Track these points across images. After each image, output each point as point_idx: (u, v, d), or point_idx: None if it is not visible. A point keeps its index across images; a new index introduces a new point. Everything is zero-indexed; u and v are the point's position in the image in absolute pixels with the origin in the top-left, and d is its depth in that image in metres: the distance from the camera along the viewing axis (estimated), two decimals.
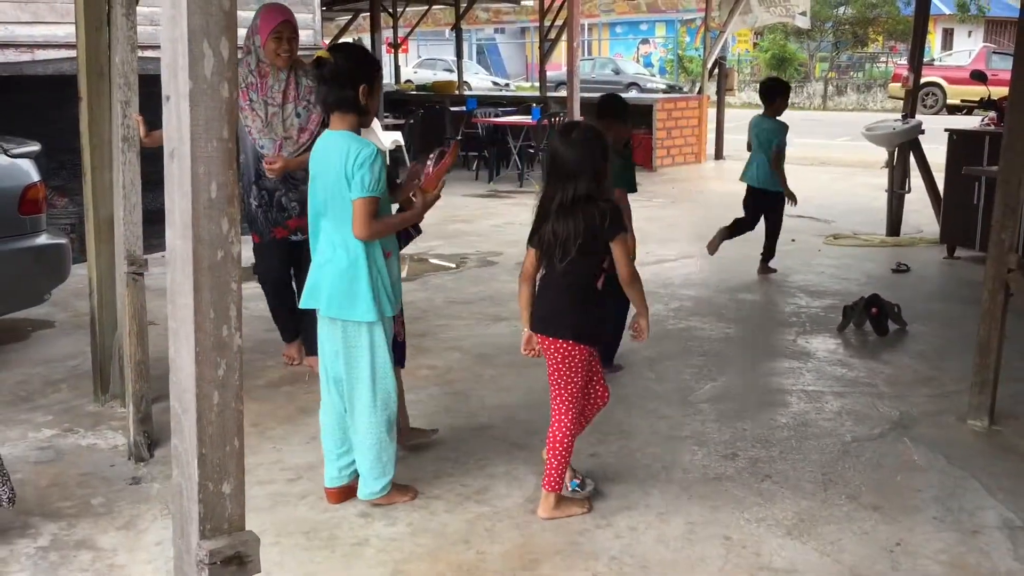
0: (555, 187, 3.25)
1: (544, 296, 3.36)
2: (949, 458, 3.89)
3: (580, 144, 3.23)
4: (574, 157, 3.21)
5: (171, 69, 1.57)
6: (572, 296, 3.30)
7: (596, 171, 3.23)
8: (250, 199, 4.70)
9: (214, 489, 1.63)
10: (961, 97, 21.99)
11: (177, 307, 1.62)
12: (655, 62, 36.10)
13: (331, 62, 3.22)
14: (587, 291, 3.30)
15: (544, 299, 3.36)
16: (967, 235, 7.64)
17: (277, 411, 4.43)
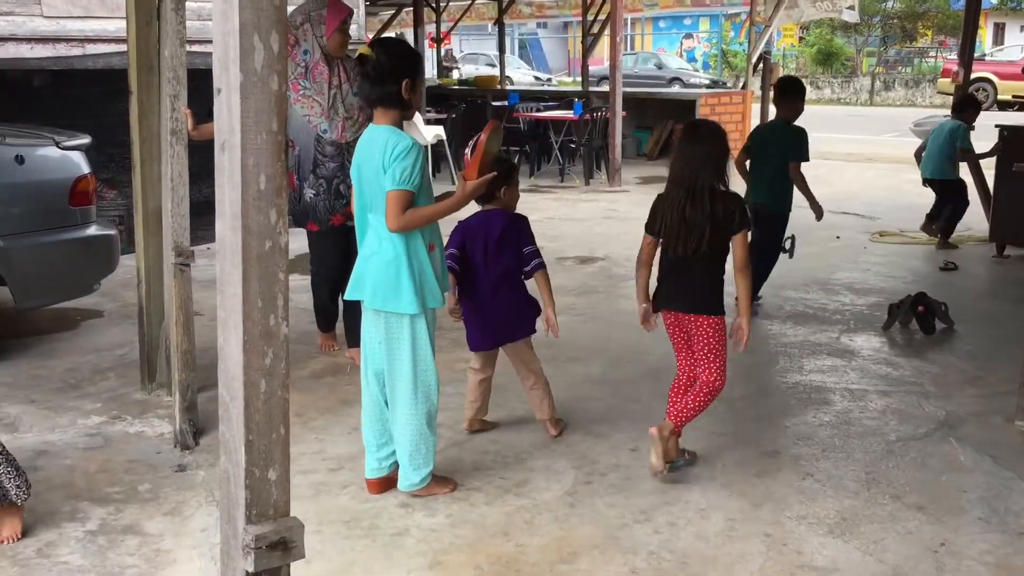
0: (681, 180, 3.59)
1: (681, 280, 3.70)
2: (996, 459, 3.84)
3: (705, 140, 3.62)
4: (700, 153, 3.57)
5: (222, 62, 1.60)
6: (713, 278, 3.68)
7: (719, 165, 3.59)
8: (307, 190, 4.77)
9: (260, 475, 1.66)
10: (1013, 93, 21.59)
11: (226, 296, 1.65)
12: (699, 57, 35.82)
13: (374, 58, 3.24)
14: (720, 272, 3.71)
15: (682, 282, 3.70)
16: (1017, 233, 7.50)
17: (319, 402, 4.48)
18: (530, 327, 4.02)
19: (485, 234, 3.88)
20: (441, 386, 4.50)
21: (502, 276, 3.90)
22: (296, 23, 4.64)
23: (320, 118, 4.68)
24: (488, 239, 3.87)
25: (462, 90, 16.59)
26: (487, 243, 3.87)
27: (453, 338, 5.45)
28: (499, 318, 3.95)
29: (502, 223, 3.89)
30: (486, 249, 3.87)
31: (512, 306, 3.96)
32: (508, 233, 3.88)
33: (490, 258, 3.88)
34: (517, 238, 3.90)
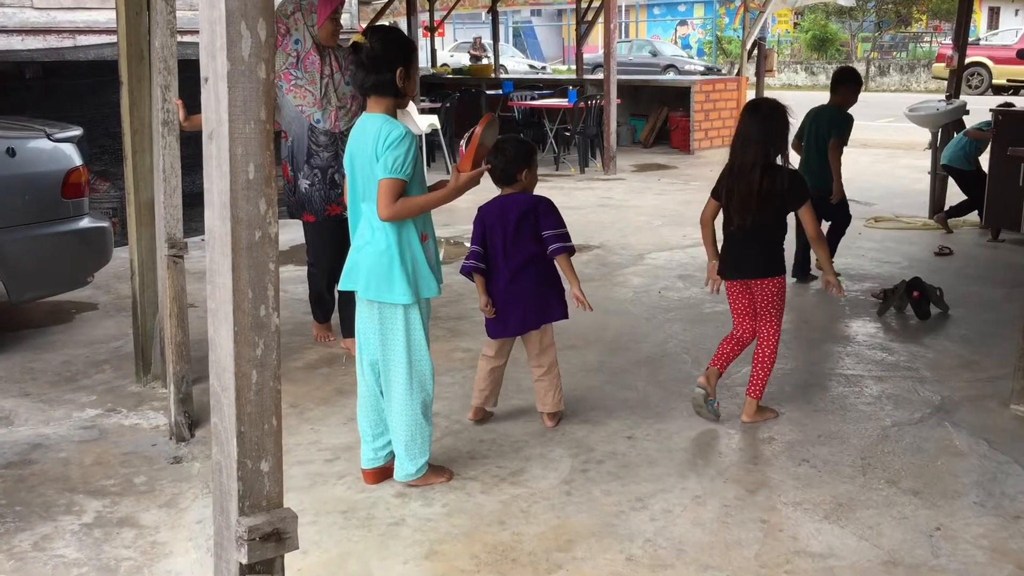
0: (744, 153, 3.88)
1: (744, 250, 4.01)
2: (991, 443, 3.84)
3: (767, 118, 3.89)
4: (761, 128, 3.86)
5: (209, 51, 1.58)
6: (773, 245, 4.01)
7: (777, 142, 3.89)
8: (301, 180, 4.76)
9: (253, 467, 1.65)
10: (1007, 77, 21.58)
11: (216, 287, 1.64)
12: (693, 44, 35.75)
13: (367, 46, 3.22)
14: (779, 239, 4.03)
15: (746, 252, 4.01)
16: (1012, 217, 7.49)
17: (315, 392, 4.48)
18: (556, 313, 3.94)
19: (504, 218, 3.84)
20: (437, 375, 4.50)
21: (525, 261, 3.84)
22: (287, 12, 4.62)
23: (313, 108, 4.66)
24: (507, 223, 3.82)
25: (456, 79, 16.55)
26: (506, 227, 3.82)
27: (449, 327, 5.45)
28: (523, 304, 3.87)
29: (521, 206, 3.84)
30: (505, 233, 3.83)
31: (537, 292, 3.88)
32: (528, 216, 3.83)
33: (510, 242, 3.83)
34: (537, 221, 3.84)
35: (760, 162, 3.82)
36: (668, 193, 10.19)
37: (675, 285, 6.37)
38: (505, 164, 3.81)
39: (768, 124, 3.87)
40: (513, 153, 3.84)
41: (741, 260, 4.03)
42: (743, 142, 3.89)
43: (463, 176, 3.33)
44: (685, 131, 13.76)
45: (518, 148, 3.88)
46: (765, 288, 4.00)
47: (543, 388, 4.03)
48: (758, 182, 3.82)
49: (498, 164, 3.78)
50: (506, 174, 3.84)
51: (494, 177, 3.83)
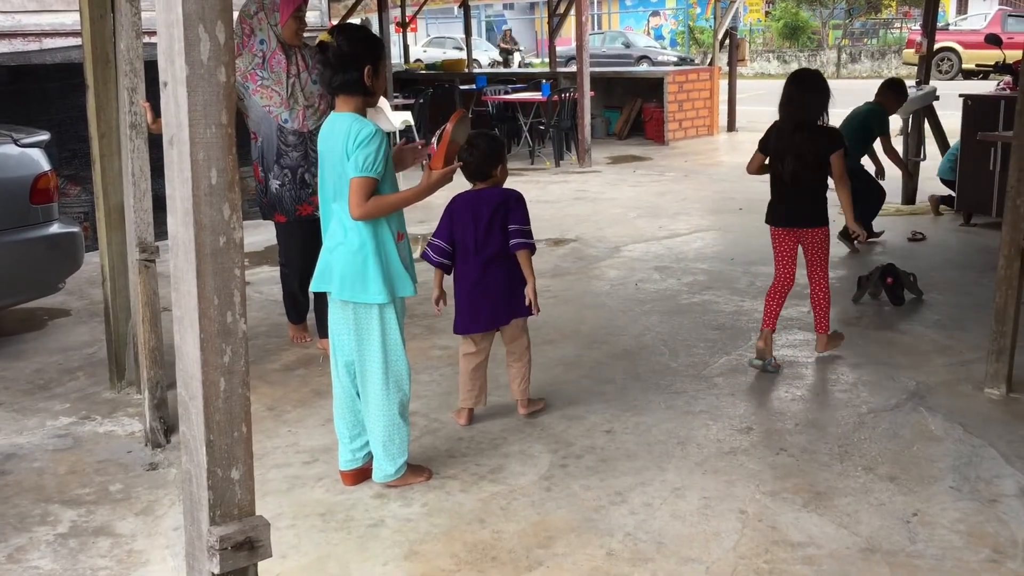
0: (789, 116, 4.47)
1: (793, 201, 4.56)
2: (966, 427, 3.87)
3: (809, 84, 4.49)
4: (802, 95, 4.44)
5: (167, 55, 1.56)
6: (818, 196, 4.56)
7: (820, 105, 4.43)
8: (272, 181, 4.72)
9: (223, 475, 1.63)
10: (976, 62, 21.76)
11: (181, 294, 1.62)
12: (666, 34, 35.80)
13: (334, 45, 3.19)
14: (823, 190, 4.58)
15: (794, 204, 4.57)
16: (983, 202, 7.56)
17: (292, 394, 4.45)
18: (523, 310, 3.95)
19: (475, 213, 3.84)
20: (414, 374, 4.50)
21: (495, 255, 3.85)
22: (250, 12, 4.58)
23: (280, 108, 4.62)
24: (479, 218, 3.82)
25: (429, 74, 16.49)
26: (478, 222, 3.83)
27: (426, 325, 5.43)
28: (492, 300, 3.89)
29: (493, 201, 3.84)
30: (476, 228, 3.83)
31: (506, 288, 3.89)
32: (499, 210, 3.83)
33: (481, 238, 3.83)
34: (507, 215, 3.85)
35: (803, 121, 4.43)
36: (643, 185, 10.20)
37: (651, 277, 6.38)
38: (480, 160, 3.82)
39: (813, 90, 4.45)
40: (486, 149, 3.84)
41: (791, 211, 4.59)
42: (788, 106, 4.48)
43: (435, 173, 3.32)
44: (659, 122, 13.78)
45: (491, 144, 3.89)
46: (814, 236, 4.59)
47: (511, 374, 4.10)
48: (809, 140, 4.42)
49: (472, 160, 3.79)
50: (480, 170, 3.85)
51: (467, 174, 3.84)
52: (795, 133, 4.42)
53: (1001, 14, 23.52)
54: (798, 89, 4.47)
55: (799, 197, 4.54)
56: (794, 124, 4.44)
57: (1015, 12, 23.70)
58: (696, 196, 9.49)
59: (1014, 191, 4.05)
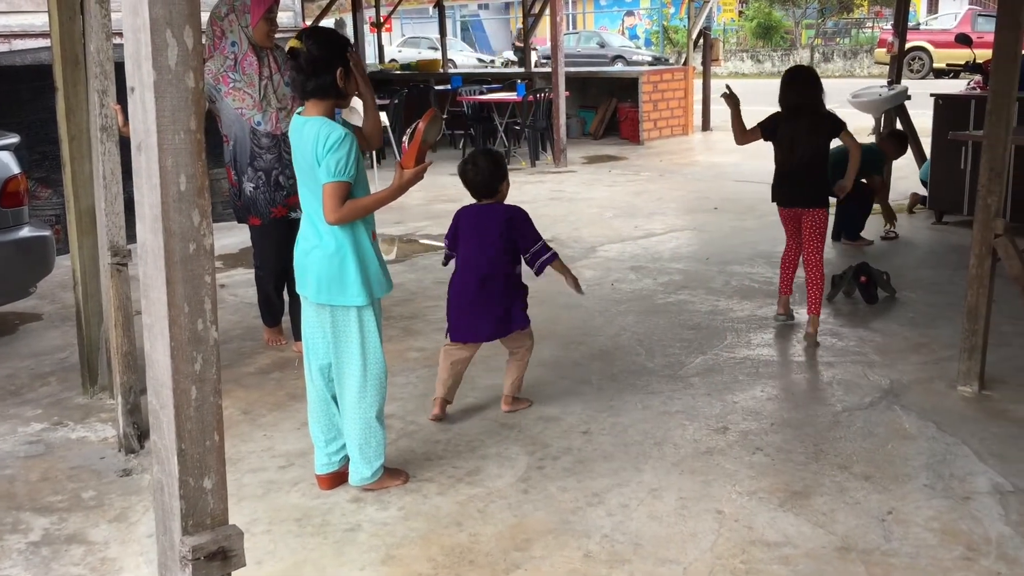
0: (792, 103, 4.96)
1: (797, 183, 5.00)
2: (939, 425, 3.90)
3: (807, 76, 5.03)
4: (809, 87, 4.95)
5: (134, 59, 1.54)
6: (820, 179, 5.00)
7: (819, 99, 4.96)
8: (246, 183, 4.69)
9: (195, 484, 1.61)
10: (947, 61, 21.96)
11: (151, 302, 1.60)
12: (640, 34, 35.89)
13: (304, 51, 3.17)
14: (825, 172, 5.01)
15: (798, 186, 5.00)
16: (955, 200, 7.63)
17: (267, 398, 4.42)
18: (518, 324, 4.00)
19: (480, 229, 3.92)
20: (392, 376, 4.48)
21: (496, 272, 3.91)
22: (221, 15, 4.54)
23: (253, 110, 4.59)
24: (484, 234, 3.90)
25: (404, 75, 16.44)
26: (483, 237, 3.90)
27: (403, 327, 5.41)
28: (489, 314, 3.92)
29: (499, 218, 3.92)
30: (482, 243, 3.90)
31: (504, 304, 3.94)
32: (506, 229, 3.91)
33: (485, 252, 3.90)
34: (515, 234, 3.93)
35: (815, 108, 4.93)
36: (619, 184, 10.22)
37: (627, 277, 6.40)
38: (486, 178, 3.90)
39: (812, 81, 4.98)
40: (491, 167, 3.92)
41: (795, 193, 5.04)
42: (789, 96, 4.98)
43: (407, 173, 3.29)
44: (634, 122, 13.82)
45: (493, 160, 3.97)
46: (813, 216, 5.01)
47: (508, 370, 4.18)
48: (814, 125, 4.92)
49: (478, 179, 3.90)
50: (487, 188, 3.93)
51: (475, 192, 3.95)
52: (800, 117, 4.93)
53: (971, 14, 23.75)
54: (803, 83, 4.97)
55: (802, 179, 4.98)
56: (803, 112, 4.93)
57: (985, 12, 23.93)
58: (671, 196, 9.53)
59: (984, 190, 4.09)
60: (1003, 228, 4.07)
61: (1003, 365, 4.49)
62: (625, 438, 3.86)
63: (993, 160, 4.06)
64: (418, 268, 6.87)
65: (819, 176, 5.00)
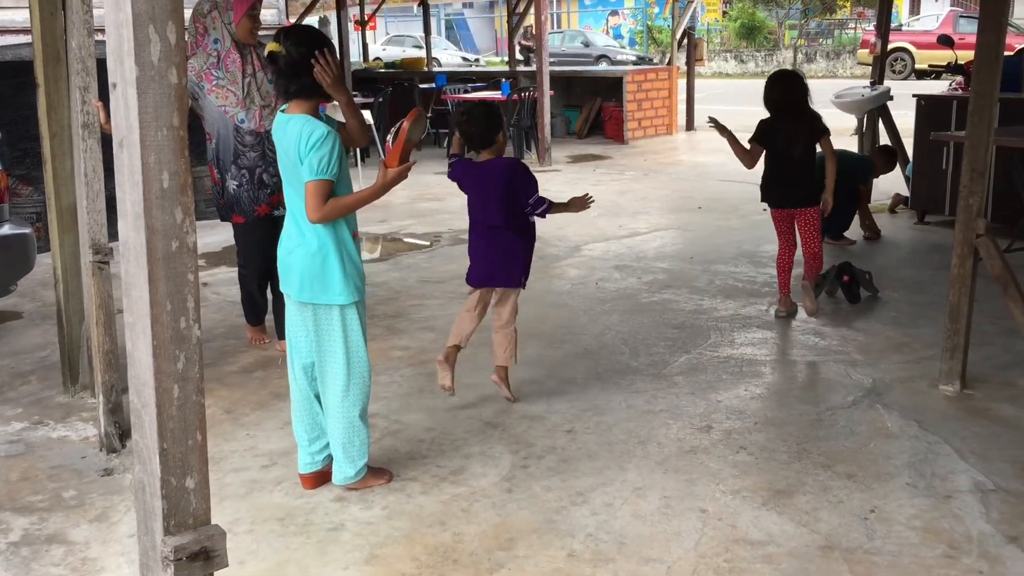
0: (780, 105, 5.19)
1: (788, 184, 5.27)
2: (921, 424, 3.92)
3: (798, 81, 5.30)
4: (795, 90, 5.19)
5: (116, 55, 1.53)
6: (809, 177, 5.27)
7: (805, 100, 5.17)
8: (229, 181, 4.66)
9: (177, 484, 1.60)
10: (929, 62, 22.10)
11: (132, 300, 1.58)
12: (625, 34, 35.95)
13: (283, 53, 3.16)
14: (813, 171, 5.28)
15: (789, 186, 5.28)
16: (936, 200, 7.68)
17: (250, 397, 4.40)
18: (516, 280, 4.13)
19: (483, 186, 4.03)
20: (376, 375, 4.47)
21: (499, 224, 4.03)
22: (204, 11, 4.52)
23: (236, 108, 4.56)
24: (488, 191, 4.02)
25: (388, 73, 16.40)
26: (487, 194, 4.02)
27: (386, 325, 5.40)
28: (493, 264, 4.10)
29: (500, 176, 4.01)
30: (485, 200, 4.03)
31: (506, 256, 4.08)
32: (509, 186, 4.00)
33: (490, 207, 4.03)
34: (515, 192, 4.01)
35: (792, 107, 5.15)
36: (604, 183, 10.23)
37: (612, 276, 6.40)
38: (482, 129, 3.98)
39: (799, 86, 5.23)
40: (485, 117, 4.00)
41: (786, 193, 5.30)
42: (774, 96, 5.21)
43: (391, 172, 3.28)
44: (619, 121, 13.83)
45: (488, 111, 4.05)
46: (806, 215, 5.30)
47: (498, 340, 4.20)
48: (803, 124, 5.15)
49: (474, 130, 3.97)
50: (484, 138, 3.99)
51: (472, 144, 4.03)
52: (789, 120, 5.16)
53: (953, 15, 23.92)
54: (788, 85, 5.24)
55: (794, 179, 5.24)
56: (789, 113, 5.17)
57: (966, 13, 24.10)
58: (656, 195, 9.54)
59: (966, 190, 4.11)
60: (984, 228, 4.10)
61: (984, 364, 4.52)
62: (609, 437, 3.87)
63: (975, 160, 4.08)
64: (402, 267, 6.85)
65: (808, 175, 5.24)
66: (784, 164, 5.21)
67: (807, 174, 5.24)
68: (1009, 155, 6.46)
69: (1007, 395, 4.21)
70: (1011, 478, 3.43)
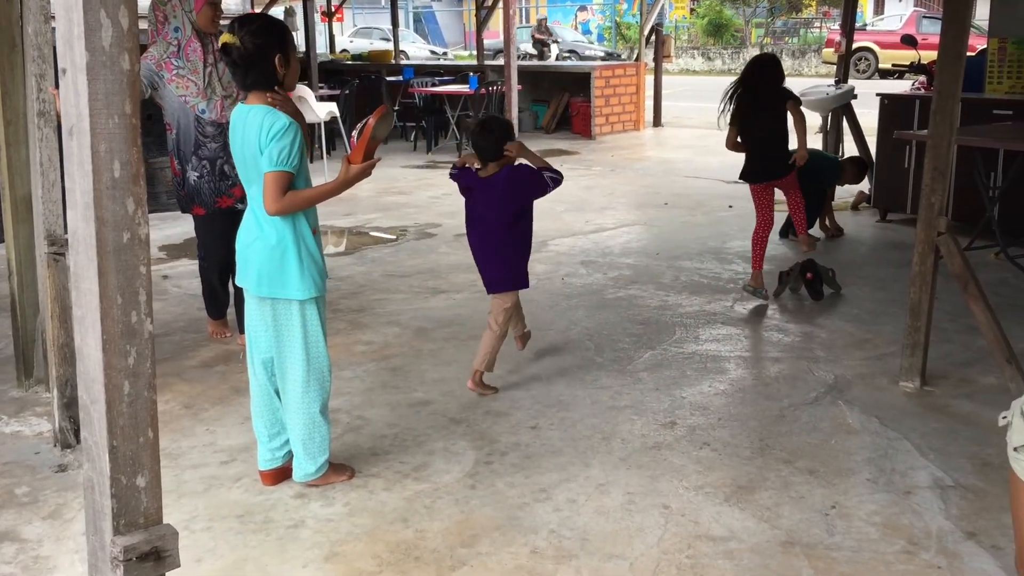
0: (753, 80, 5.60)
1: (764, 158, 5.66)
2: (882, 420, 3.95)
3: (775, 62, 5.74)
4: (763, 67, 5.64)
5: (67, 40, 1.47)
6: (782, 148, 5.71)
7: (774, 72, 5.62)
8: (190, 172, 4.59)
9: (127, 483, 1.56)
10: (893, 61, 22.33)
11: (81, 293, 1.53)
12: (593, 29, 35.98)
13: (238, 44, 3.09)
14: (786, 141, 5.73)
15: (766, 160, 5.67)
16: (899, 199, 7.76)
17: (210, 391, 4.33)
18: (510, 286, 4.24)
19: (486, 203, 4.14)
20: (339, 370, 4.43)
21: (507, 233, 4.15)
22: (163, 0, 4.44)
23: (197, 98, 4.49)
24: (489, 209, 4.13)
25: (355, 65, 16.29)
26: (491, 203, 4.12)
27: (350, 320, 5.35)
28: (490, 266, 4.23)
29: (499, 188, 4.10)
30: (486, 211, 4.15)
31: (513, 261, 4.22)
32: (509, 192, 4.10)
33: (488, 213, 4.15)
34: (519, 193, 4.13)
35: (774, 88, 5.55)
36: (570, 179, 10.18)
37: (578, 271, 6.39)
38: (496, 141, 4.08)
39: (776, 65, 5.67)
40: (499, 130, 4.13)
41: (763, 168, 5.68)
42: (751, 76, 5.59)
43: (354, 168, 3.24)
44: (586, 116, 13.84)
45: (502, 125, 4.21)
46: (787, 182, 5.75)
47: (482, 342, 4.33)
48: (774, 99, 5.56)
49: (488, 144, 4.09)
50: (497, 151, 4.10)
51: (484, 156, 4.12)
52: (761, 95, 5.54)
53: (916, 15, 24.19)
54: (768, 66, 5.65)
55: (770, 153, 5.64)
56: (760, 88, 5.54)
57: (930, 14, 24.39)
58: (622, 191, 9.55)
59: (928, 189, 4.14)
60: (945, 227, 4.13)
61: (943, 361, 4.57)
62: (573, 433, 3.85)
63: (937, 159, 4.11)
64: (367, 261, 6.79)
65: (782, 146, 5.69)
66: (757, 139, 5.60)
67: (783, 143, 5.64)
68: (970, 154, 6.53)
69: (966, 392, 4.26)
70: (969, 474, 3.47)
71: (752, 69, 5.63)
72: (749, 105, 5.56)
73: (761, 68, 5.61)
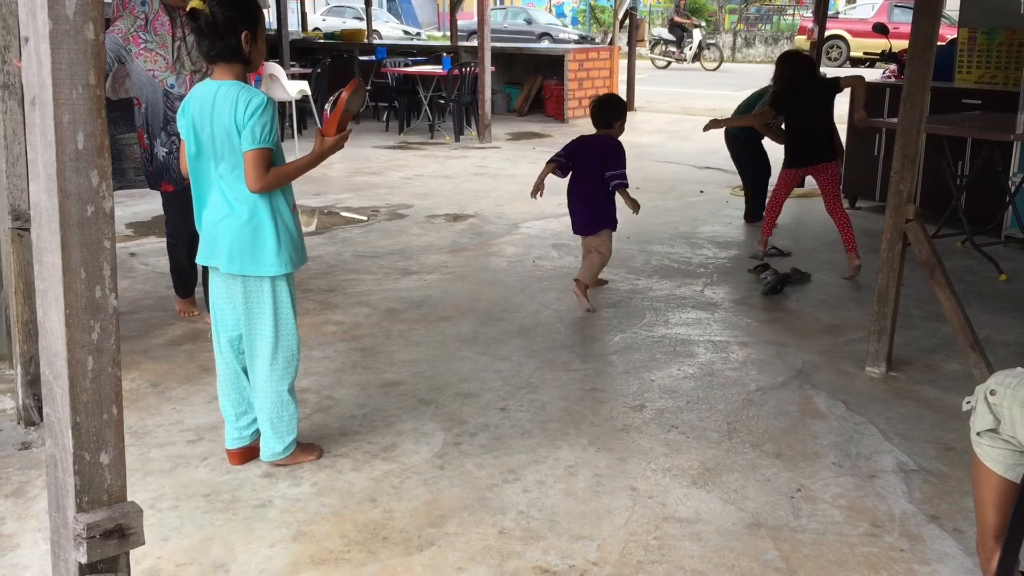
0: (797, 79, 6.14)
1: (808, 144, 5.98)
2: (848, 404, 3.99)
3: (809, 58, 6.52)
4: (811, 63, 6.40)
5: (28, 7, 1.44)
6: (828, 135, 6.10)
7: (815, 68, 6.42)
8: (159, 148, 4.52)
9: (91, 460, 1.53)
10: (864, 50, 22.49)
11: (44, 266, 1.51)
12: (567, 12, 35.90)
13: (206, 11, 3.05)
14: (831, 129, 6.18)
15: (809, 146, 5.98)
16: (868, 186, 7.82)
17: (177, 370, 4.29)
18: (602, 227, 5.23)
19: (589, 152, 5.18)
20: (310, 349, 4.41)
21: (592, 184, 5.17)
22: None
23: (165, 72, 4.42)
24: (591, 157, 5.16)
25: (328, 44, 16.14)
26: (589, 159, 5.16)
27: (320, 299, 5.32)
28: (583, 216, 5.28)
29: (603, 149, 5.15)
30: (588, 162, 5.17)
31: (594, 207, 5.23)
32: (603, 158, 5.12)
33: (587, 171, 5.18)
34: (608, 162, 5.11)
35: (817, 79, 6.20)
36: (543, 161, 10.16)
37: (549, 254, 6.39)
38: (608, 112, 5.22)
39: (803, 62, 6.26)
40: (616, 106, 5.28)
41: (807, 153, 5.96)
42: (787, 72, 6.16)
43: (328, 140, 3.21)
44: (559, 99, 13.81)
45: (620, 102, 5.37)
46: (827, 170, 5.95)
47: (586, 264, 5.28)
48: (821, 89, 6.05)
49: (601, 113, 5.23)
50: (605, 121, 5.23)
51: (595, 123, 5.27)
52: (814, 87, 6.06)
53: (888, 4, 24.31)
54: (805, 62, 6.25)
55: (813, 139, 5.94)
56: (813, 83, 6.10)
57: (901, 3, 24.53)
58: None
59: (897, 176, 4.17)
60: (914, 214, 4.17)
61: (909, 347, 4.62)
62: (543, 415, 3.86)
63: (906, 147, 4.14)
64: (338, 240, 6.75)
65: (830, 131, 6.06)
66: (804, 127, 6.00)
67: (828, 129, 6.04)
68: (939, 143, 6.59)
69: (930, 378, 4.31)
70: (933, 459, 3.51)
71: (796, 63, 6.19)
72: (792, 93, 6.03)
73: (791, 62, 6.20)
